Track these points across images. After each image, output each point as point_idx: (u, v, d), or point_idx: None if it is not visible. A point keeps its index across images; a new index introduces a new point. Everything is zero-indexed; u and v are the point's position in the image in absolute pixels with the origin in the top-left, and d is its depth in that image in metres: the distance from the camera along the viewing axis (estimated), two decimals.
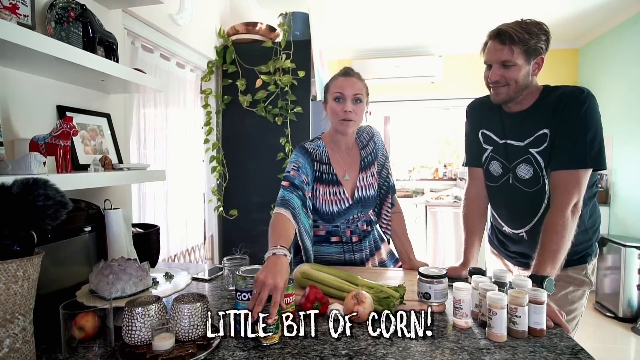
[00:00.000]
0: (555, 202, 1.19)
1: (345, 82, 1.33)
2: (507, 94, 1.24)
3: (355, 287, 1.12)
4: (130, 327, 0.84)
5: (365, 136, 1.50)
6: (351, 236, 1.45)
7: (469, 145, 1.49)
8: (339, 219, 1.41)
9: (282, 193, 1.30)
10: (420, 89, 4.67)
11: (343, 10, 3.40)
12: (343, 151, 1.44)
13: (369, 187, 1.44)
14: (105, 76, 1.21)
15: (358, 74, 1.38)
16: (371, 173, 1.46)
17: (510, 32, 1.17)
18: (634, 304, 3.16)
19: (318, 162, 1.39)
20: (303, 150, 1.38)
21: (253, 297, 0.91)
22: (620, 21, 3.59)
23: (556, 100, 1.21)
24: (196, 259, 2.44)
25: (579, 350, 0.85)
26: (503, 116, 1.34)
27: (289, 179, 1.32)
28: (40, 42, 0.94)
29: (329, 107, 1.37)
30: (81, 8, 1.21)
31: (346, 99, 1.31)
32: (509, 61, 1.19)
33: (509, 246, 1.46)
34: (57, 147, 1.06)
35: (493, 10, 3.38)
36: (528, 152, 1.26)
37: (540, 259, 1.14)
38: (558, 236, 1.14)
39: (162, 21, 1.94)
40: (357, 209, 1.43)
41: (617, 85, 3.70)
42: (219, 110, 2.57)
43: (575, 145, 1.17)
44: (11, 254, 0.74)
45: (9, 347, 0.72)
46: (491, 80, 1.25)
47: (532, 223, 1.32)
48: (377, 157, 1.49)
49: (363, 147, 1.48)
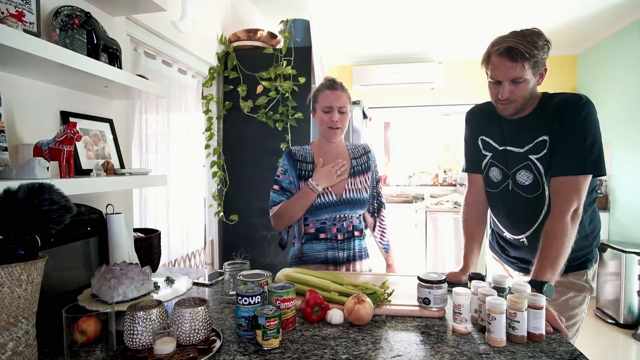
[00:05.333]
0: (555, 208, 1.19)
1: (332, 96, 1.47)
2: (516, 108, 1.25)
3: (340, 286, 1.16)
4: (132, 331, 0.84)
5: (360, 150, 1.63)
6: (337, 233, 1.52)
7: (468, 151, 1.50)
8: (323, 213, 1.49)
9: (273, 196, 1.52)
10: (420, 95, 4.70)
11: (343, 17, 3.44)
12: (330, 155, 1.55)
13: (359, 191, 1.54)
14: (108, 82, 1.23)
15: (342, 85, 1.52)
16: (363, 179, 1.57)
17: (521, 49, 1.15)
18: (634, 310, 3.15)
19: (301, 161, 1.54)
20: (288, 153, 1.56)
21: None
22: (619, 28, 3.62)
23: (555, 107, 1.22)
24: (197, 264, 2.45)
25: (578, 356, 0.85)
26: (502, 123, 1.35)
27: (278, 182, 1.53)
28: (45, 49, 0.96)
29: (318, 116, 1.52)
30: (85, 15, 1.22)
31: (333, 110, 1.47)
32: (520, 78, 1.19)
33: (509, 251, 1.46)
34: (61, 152, 1.07)
35: (492, 17, 3.40)
36: (528, 159, 1.27)
37: (539, 264, 1.14)
38: (558, 242, 1.14)
39: (164, 28, 1.96)
40: (346, 209, 1.51)
41: (615, 91, 3.72)
42: (220, 115, 2.59)
43: (575, 152, 1.18)
44: (16, 257, 0.75)
45: (12, 351, 0.73)
46: (502, 97, 1.23)
47: (532, 229, 1.32)
48: (371, 170, 1.61)
49: (354, 158, 1.60)
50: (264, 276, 1.12)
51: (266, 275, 1.13)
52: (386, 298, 1.12)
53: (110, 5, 1.44)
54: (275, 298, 0.99)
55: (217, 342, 0.90)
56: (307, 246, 1.53)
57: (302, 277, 1.21)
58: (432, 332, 0.98)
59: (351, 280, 1.20)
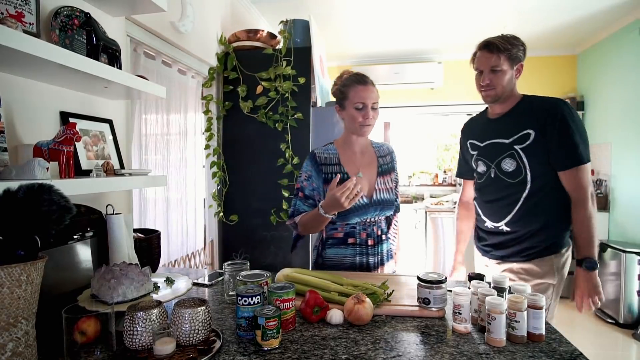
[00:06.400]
0: (575, 199, 1.41)
1: (365, 92, 1.42)
2: (496, 95, 1.47)
3: (340, 286, 1.16)
4: (132, 331, 0.84)
5: (385, 149, 1.59)
6: (367, 239, 1.46)
7: (461, 157, 1.76)
8: (355, 216, 1.43)
9: (296, 203, 1.48)
10: (419, 95, 4.69)
11: (344, 17, 3.44)
12: (357, 152, 1.51)
13: (388, 191, 1.49)
14: (108, 83, 1.23)
15: (372, 81, 1.48)
16: (389, 179, 1.52)
17: (496, 42, 1.43)
18: (634, 309, 3.15)
19: (326, 164, 1.47)
20: (311, 157, 1.50)
21: None
22: (619, 28, 3.62)
23: (543, 108, 1.43)
24: (196, 264, 2.45)
25: (577, 356, 0.85)
26: (490, 122, 1.58)
27: (302, 189, 1.47)
28: (45, 50, 0.96)
29: (349, 113, 1.44)
30: (85, 16, 1.22)
31: (367, 107, 1.42)
32: (497, 66, 1.43)
33: (487, 240, 1.61)
34: (61, 152, 1.07)
35: (492, 17, 3.41)
36: (512, 148, 1.47)
37: (578, 248, 1.42)
38: (584, 228, 1.39)
39: (164, 29, 1.96)
40: (375, 211, 1.45)
41: (615, 91, 3.72)
42: (220, 116, 2.59)
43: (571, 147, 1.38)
44: (15, 258, 0.75)
45: (11, 351, 0.73)
46: (483, 84, 1.49)
47: (512, 213, 1.49)
48: (394, 171, 1.57)
49: (381, 156, 1.55)
50: (263, 276, 1.12)
51: (266, 275, 1.13)
52: (386, 298, 1.12)
53: (110, 6, 1.44)
54: (275, 298, 0.99)
55: (217, 343, 0.91)
56: (332, 251, 1.47)
57: (301, 277, 1.21)
58: (432, 332, 0.98)
59: (351, 281, 1.21)
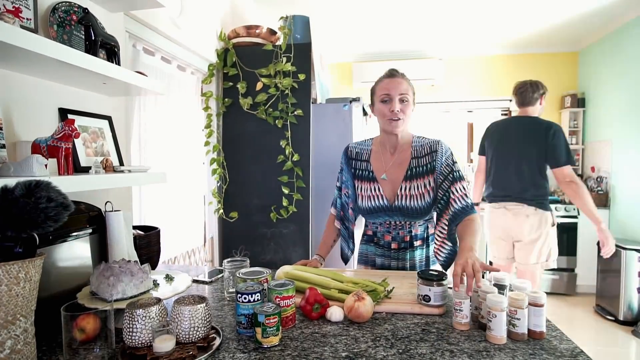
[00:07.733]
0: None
1: (391, 83, 1.35)
2: None
3: (340, 284, 1.15)
4: (131, 328, 0.84)
5: (426, 148, 1.39)
6: (390, 242, 1.42)
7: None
8: (376, 217, 1.42)
9: (335, 193, 1.56)
10: (420, 91, 4.67)
11: (344, 13, 3.42)
12: (387, 151, 1.44)
13: (415, 197, 1.34)
14: (106, 79, 1.22)
15: (403, 74, 1.40)
16: (422, 184, 1.35)
17: None
18: (634, 307, 3.16)
19: (356, 159, 1.48)
20: (345, 150, 1.53)
21: None
22: (621, 24, 3.60)
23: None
24: (196, 262, 2.45)
25: (578, 353, 0.85)
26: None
27: (338, 179, 1.55)
28: (43, 45, 0.95)
29: (377, 108, 1.40)
30: (83, 11, 1.21)
31: (393, 99, 1.34)
32: None
33: None
34: (59, 149, 1.06)
35: (493, 13, 3.39)
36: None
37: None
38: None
39: (163, 24, 1.95)
40: (398, 216, 1.38)
41: (617, 88, 3.71)
42: (220, 112, 2.58)
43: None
44: (13, 255, 0.75)
45: (10, 349, 0.73)
46: None
47: None
48: (436, 172, 1.35)
49: (416, 157, 1.39)
50: (263, 274, 1.12)
51: (266, 272, 1.13)
52: (386, 295, 1.12)
53: (108, 1, 1.42)
54: (275, 295, 0.99)
55: (217, 340, 0.90)
56: (362, 247, 1.51)
57: (302, 274, 1.21)
58: (432, 330, 0.97)
59: (351, 278, 1.20)
